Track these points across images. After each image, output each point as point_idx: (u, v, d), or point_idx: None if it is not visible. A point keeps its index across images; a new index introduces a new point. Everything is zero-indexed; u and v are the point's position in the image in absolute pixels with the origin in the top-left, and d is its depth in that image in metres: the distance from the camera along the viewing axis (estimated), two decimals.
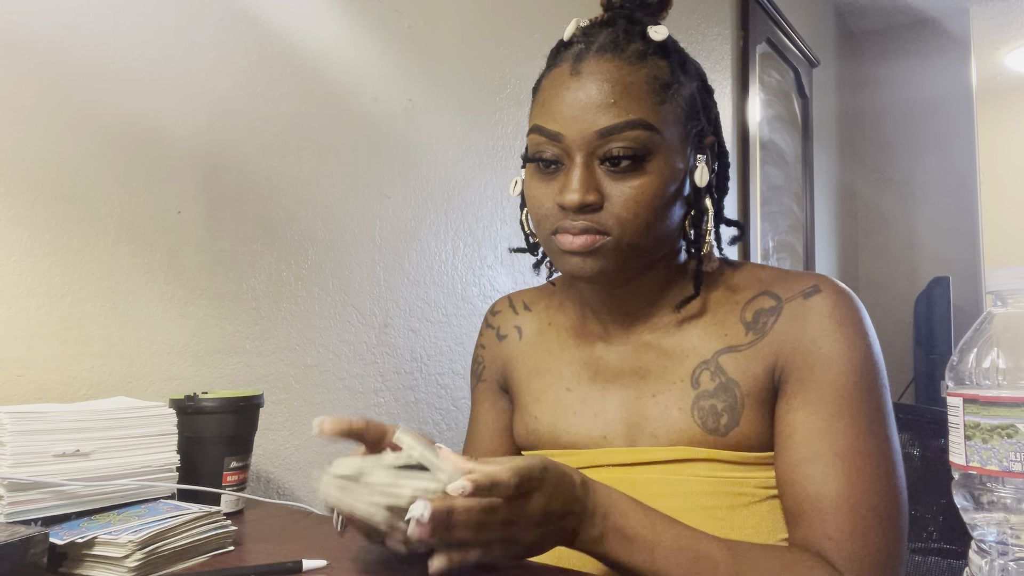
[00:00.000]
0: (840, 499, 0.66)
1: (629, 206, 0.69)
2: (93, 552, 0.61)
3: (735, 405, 0.72)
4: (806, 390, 0.70)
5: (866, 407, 0.69)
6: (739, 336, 0.74)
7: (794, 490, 0.68)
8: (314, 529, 0.79)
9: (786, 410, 0.71)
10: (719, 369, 0.73)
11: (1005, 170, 4.47)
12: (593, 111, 0.69)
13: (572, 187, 0.69)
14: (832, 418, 0.68)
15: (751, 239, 2.59)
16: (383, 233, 1.31)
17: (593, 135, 0.69)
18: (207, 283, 1.04)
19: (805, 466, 0.68)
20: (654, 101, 0.70)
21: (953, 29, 3.58)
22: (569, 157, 0.70)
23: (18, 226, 0.86)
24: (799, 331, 0.72)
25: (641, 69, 0.70)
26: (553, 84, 0.72)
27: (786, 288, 0.75)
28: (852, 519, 0.65)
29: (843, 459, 0.67)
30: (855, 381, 0.69)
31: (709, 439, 0.72)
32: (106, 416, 0.72)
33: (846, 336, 0.70)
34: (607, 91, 0.69)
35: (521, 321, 0.89)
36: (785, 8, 2.88)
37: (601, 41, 0.71)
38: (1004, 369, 0.47)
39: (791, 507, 0.69)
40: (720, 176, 0.79)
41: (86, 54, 0.92)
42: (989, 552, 0.47)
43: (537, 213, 0.73)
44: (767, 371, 0.72)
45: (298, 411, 1.16)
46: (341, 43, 1.24)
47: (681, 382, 0.75)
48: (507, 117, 1.57)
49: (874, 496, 0.66)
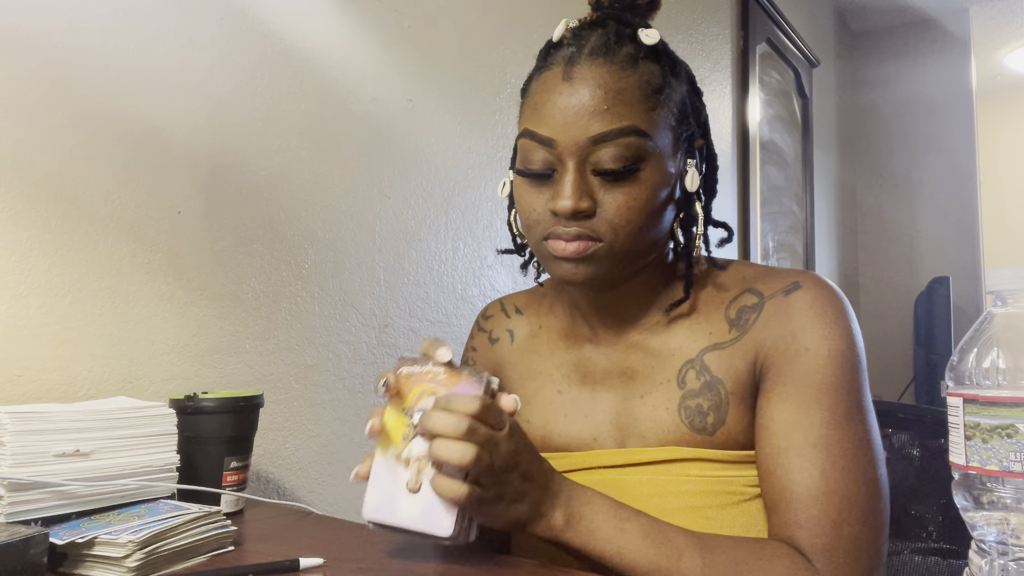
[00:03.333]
0: (813, 488, 0.66)
1: (622, 212, 0.69)
2: (93, 552, 0.61)
3: (720, 403, 0.72)
4: (784, 382, 0.70)
5: (844, 398, 0.69)
6: (723, 334, 0.74)
7: (772, 481, 0.68)
8: (314, 529, 0.79)
9: (765, 403, 0.71)
10: (704, 367, 0.74)
11: (1005, 170, 4.47)
12: (586, 117, 0.68)
13: (565, 194, 0.68)
14: (808, 408, 0.68)
15: (751, 239, 2.59)
16: (383, 233, 1.31)
17: (586, 141, 0.68)
18: (207, 283, 1.04)
19: (780, 456, 0.68)
20: (646, 107, 0.70)
21: (953, 29, 3.58)
22: (561, 163, 0.70)
23: (18, 226, 0.86)
24: (779, 326, 0.72)
25: (633, 74, 0.70)
26: (544, 88, 0.71)
27: (768, 285, 0.75)
28: (824, 508, 0.65)
29: (817, 449, 0.67)
30: (832, 372, 0.69)
31: (697, 439, 0.72)
32: (106, 416, 0.72)
33: (824, 328, 0.70)
34: (600, 97, 0.68)
35: (513, 325, 0.89)
36: (785, 8, 2.88)
37: (592, 44, 0.71)
38: (1004, 369, 0.47)
39: (769, 498, 0.69)
40: (708, 179, 0.79)
41: (86, 54, 0.92)
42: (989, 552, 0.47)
43: (528, 218, 0.73)
44: (749, 367, 0.72)
45: (298, 411, 1.16)
46: (341, 43, 1.24)
47: (668, 382, 0.75)
48: (507, 117, 1.57)
49: (849, 486, 0.66)
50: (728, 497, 0.71)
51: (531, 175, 0.71)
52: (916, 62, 3.65)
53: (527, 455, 0.64)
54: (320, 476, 1.18)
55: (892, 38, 3.73)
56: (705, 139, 0.78)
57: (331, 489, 1.20)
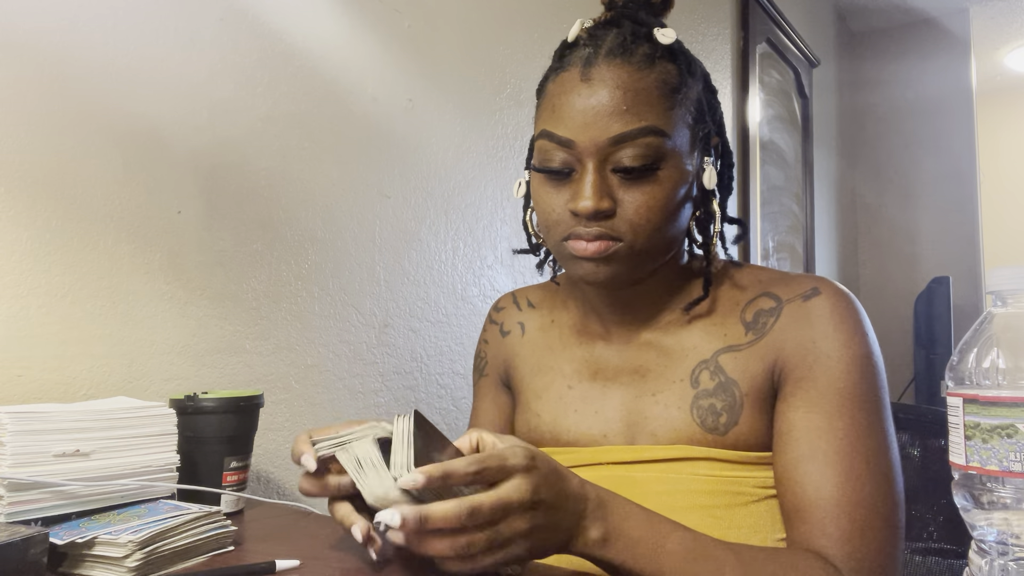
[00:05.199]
0: (840, 498, 0.66)
1: (642, 212, 0.69)
2: (93, 552, 0.61)
3: (734, 404, 0.72)
4: (805, 389, 0.70)
5: (865, 406, 0.69)
6: (739, 336, 0.75)
7: (793, 488, 0.68)
8: (314, 529, 0.79)
9: (785, 409, 0.71)
10: (718, 368, 0.74)
11: (1005, 170, 4.47)
12: (605, 118, 0.68)
13: (585, 194, 0.69)
14: (831, 416, 0.69)
15: (751, 239, 2.59)
16: (383, 233, 1.31)
17: (606, 142, 0.69)
18: (207, 283, 1.04)
19: (804, 464, 0.68)
20: (665, 106, 0.70)
21: (953, 29, 3.58)
22: (580, 163, 0.70)
23: (18, 226, 0.86)
24: (799, 331, 0.72)
25: (651, 74, 0.70)
26: (563, 89, 0.71)
27: (786, 289, 0.75)
28: (851, 518, 0.65)
29: (842, 458, 0.67)
30: (855, 380, 0.70)
31: (708, 438, 0.72)
32: (106, 416, 0.72)
33: (845, 336, 0.71)
34: (619, 97, 0.69)
35: (525, 318, 0.89)
36: (785, 8, 2.88)
37: (609, 44, 0.71)
38: (1004, 369, 0.47)
39: (790, 505, 0.69)
40: (723, 176, 0.80)
41: (86, 54, 0.92)
42: (989, 552, 0.47)
43: (547, 218, 0.73)
44: (766, 371, 0.73)
45: (298, 411, 1.16)
46: (341, 43, 1.24)
47: (680, 381, 0.75)
48: (507, 117, 1.57)
49: (874, 495, 0.66)
50: (737, 497, 0.71)
51: (550, 172, 0.72)
52: (916, 62, 3.65)
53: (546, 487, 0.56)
54: None
55: (892, 38, 3.72)
56: (720, 137, 0.79)
57: None
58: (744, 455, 0.72)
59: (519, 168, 1.60)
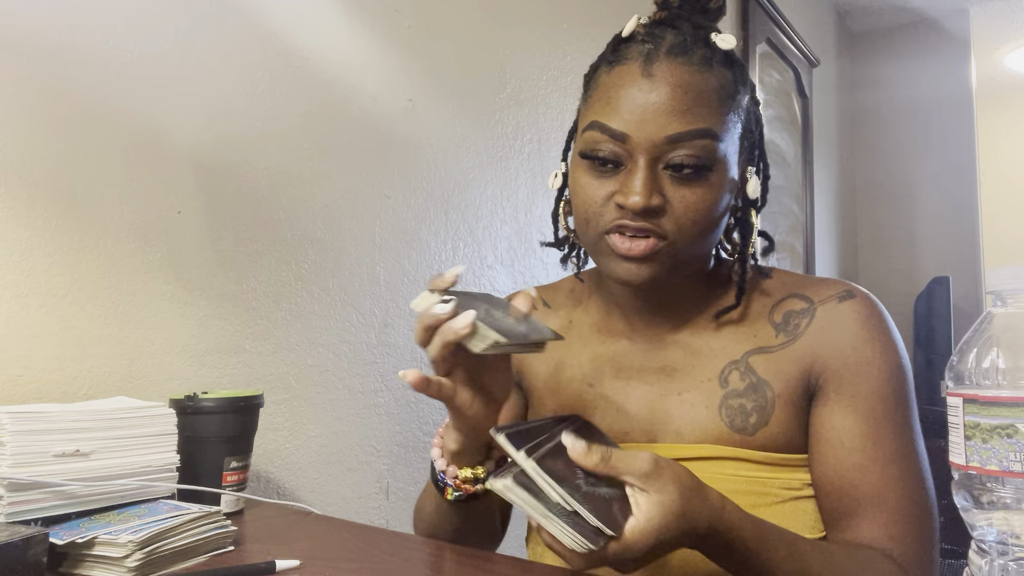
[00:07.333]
0: (900, 500, 0.70)
1: (690, 213, 0.69)
2: (93, 552, 0.61)
3: (765, 405, 0.73)
4: (851, 395, 0.72)
5: (906, 411, 0.73)
6: (769, 337, 0.76)
7: (851, 492, 0.71)
8: (314, 529, 0.79)
9: (828, 415, 0.73)
10: (749, 369, 0.74)
11: (1005, 170, 4.47)
12: (664, 116, 0.68)
13: (636, 189, 0.68)
14: (880, 423, 0.71)
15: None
16: (383, 233, 1.31)
17: (662, 140, 0.68)
18: (207, 283, 1.04)
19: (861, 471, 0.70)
20: (720, 111, 0.70)
21: (953, 29, 3.58)
22: (631, 158, 0.70)
23: (18, 226, 0.86)
24: (836, 335, 0.73)
25: (710, 77, 0.70)
26: (621, 82, 0.71)
27: (817, 291, 0.77)
28: (910, 519, 0.70)
29: (896, 462, 0.71)
30: (895, 387, 0.72)
31: (736, 438, 0.73)
32: (106, 416, 0.72)
33: (884, 343, 0.73)
34: (679, 97, 0.68)
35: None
36: (785, 8, 2.88)
37: (670, 43, 0.70)
38: (1004, 369, 0.47)
39: (847, 508, 0.71)
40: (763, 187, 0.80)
41: (86, 54, 0.92)
42: (989, 552, 0.47)
43: (588, 209, 0.72)
44: (802, 373, 0.74)
45: (298, 411, 1.16)
46: (341, 43, 1.24)
47: (709, 381, 0.75)
48: (507, 117, 1.57)
49: (923, 495, 0.71)
50: (762, 498, 0.72)
51: (599, 160, 0.71)
52: (916, 62, 3.65)
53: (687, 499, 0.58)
54: (320, 476, 1.18)
55: (892, 38, 3.72)
56: (760, 149, 0.79)
57: (331, 489, 1.20)
58: (771, 456, 0.72)
59: (519, 168, 1.60)
